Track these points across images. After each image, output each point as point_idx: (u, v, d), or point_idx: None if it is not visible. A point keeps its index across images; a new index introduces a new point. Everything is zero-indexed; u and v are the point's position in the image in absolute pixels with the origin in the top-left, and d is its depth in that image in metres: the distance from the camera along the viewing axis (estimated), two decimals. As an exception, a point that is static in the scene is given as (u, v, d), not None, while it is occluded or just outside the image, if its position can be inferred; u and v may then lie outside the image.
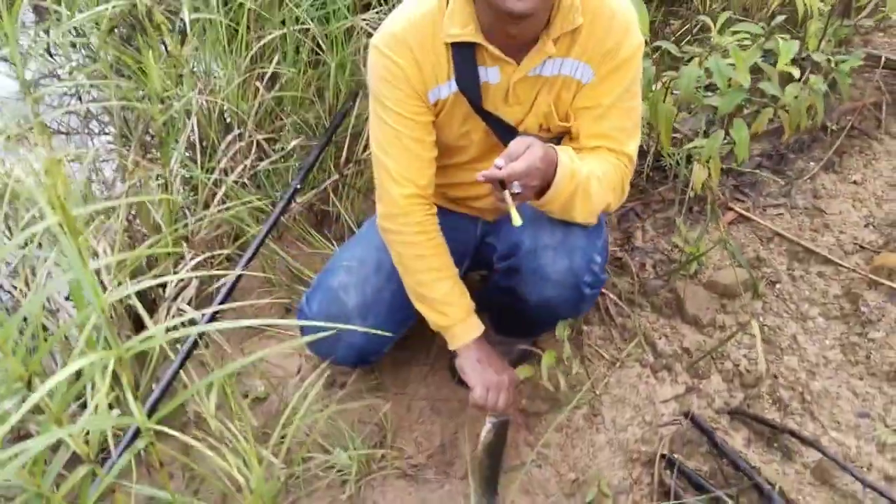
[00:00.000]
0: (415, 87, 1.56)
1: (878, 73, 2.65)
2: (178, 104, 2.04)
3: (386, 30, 1.57)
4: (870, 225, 2.33)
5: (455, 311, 1.68)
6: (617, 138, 1.60)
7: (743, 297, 2.19)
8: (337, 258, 1.86)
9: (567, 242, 1.61)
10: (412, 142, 1.61)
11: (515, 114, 1.64)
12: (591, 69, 1.57)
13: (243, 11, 2.33)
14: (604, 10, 1.52)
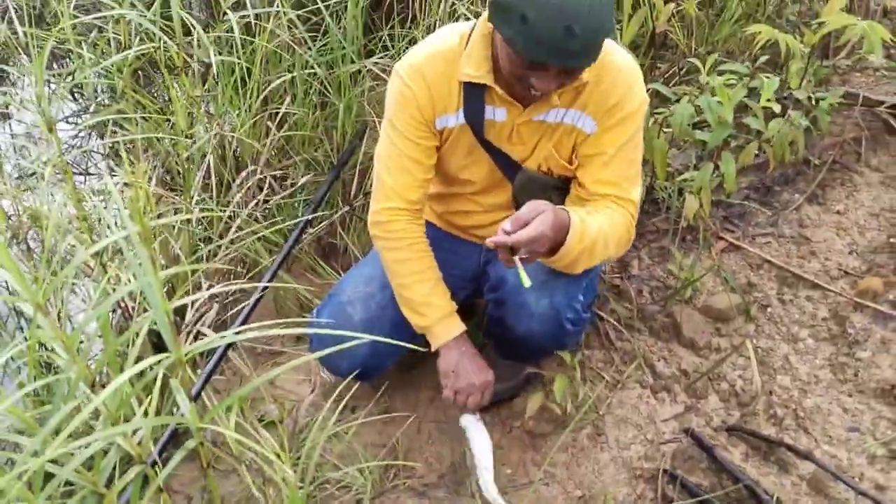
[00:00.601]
0: (423, 113, 1.69)
1: (857, 110, 2.79)
2: (198, 142, 2.14)
3: (408, 58, 1.70)
4: (853, 252, 2.45)
5: (433, 311, 1.78)
6: (622, 185, 1.70)
7: (736, 320, 2.29)
8: (347, 276, 1.98)
9: (550, 281, 1.71)
10: (411, 161, 1.73)
11: (518, 152, 1.75)
12: (593, 121, 1.68)
13: (256, 56, 2.45)
14: (609, 68, 1.63)
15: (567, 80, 1.54)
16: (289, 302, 2.38)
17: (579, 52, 1.42)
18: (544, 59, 1.42)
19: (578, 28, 1.37)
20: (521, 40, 1.41)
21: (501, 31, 1.46)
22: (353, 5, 2.63)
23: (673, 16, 2.71)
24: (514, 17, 1.40)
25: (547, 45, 1.39)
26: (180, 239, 2.14)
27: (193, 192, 2.19)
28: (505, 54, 1.51)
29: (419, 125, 1.71)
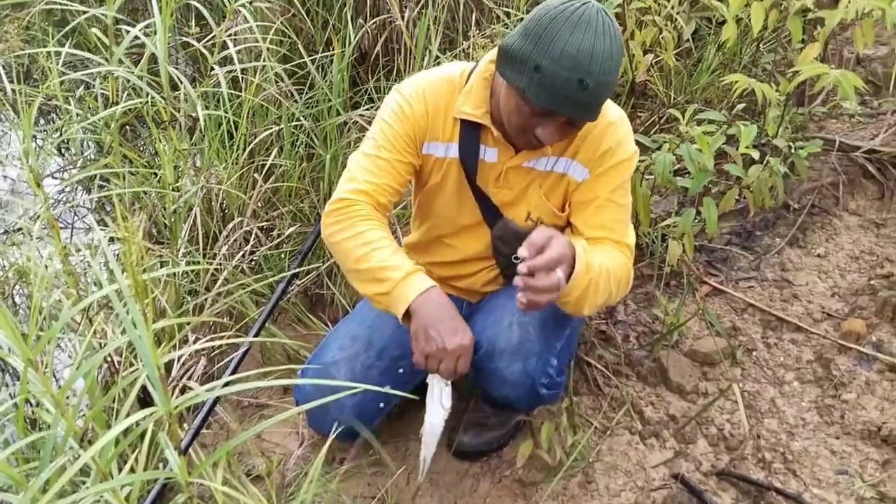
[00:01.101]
0: (416, 131, 1.71)
1: (834, 155, 2.85)
2: (185, 195, 2.16)
3: (411, 80, 1.74)
4: (835, 294, 2.48)
5: (395, 271, 1.57)
6: (616, 230, 1.72)
7: (722, 364, 2.30)
8: (332, 334, 1.95)
9: (523, 348, 1.69)
10: (389, 166, 1.69)
11: (503, 196, 1.77)
12: (584, 168, 1.71)
13: (243, 109, 2.49)
14: (601, 120, 1.66)
15: (569, 133, 1.57)
16: (276, 354, 2.38)
17: (589, 104, 1.46)
18: (556, 108, 1.46)
19: (591, 82, 1.41)
20: (533, 89, 1.45)
21: (512, 79, 1.49)
22: (339, 59, 2.68)
23: (652, 66, 2.77)
24: (527, 66, 1.45)
25: (560, 96, 1.43)
26: (167, 292, 2.14)
27: (180, 245, 2.20)
28: (512, 103, 1.53)
29: (409, 140, 1.71)
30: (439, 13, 2.87)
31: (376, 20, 2.96)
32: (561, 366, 1.79)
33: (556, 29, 1.43)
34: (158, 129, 2.21)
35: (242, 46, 2.49)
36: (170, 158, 1.93)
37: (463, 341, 1.55)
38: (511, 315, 1.71)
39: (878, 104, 3.20)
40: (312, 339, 2.42)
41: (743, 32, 2.89)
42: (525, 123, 1.53)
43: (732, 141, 2.30)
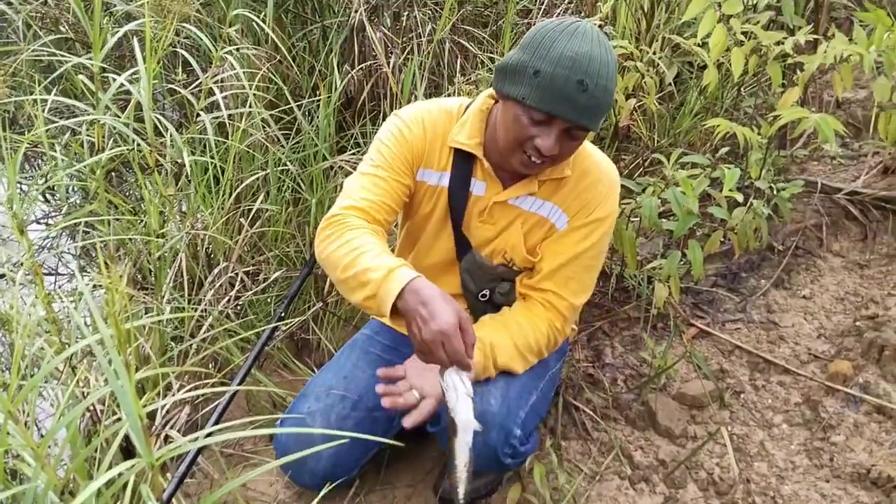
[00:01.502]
0: (413, 154, 1.72)
1: (816, 197, 2.88)
2: (170, 241, 2.15)
3: (410, 107, 1.77)
4: (821, 336, 2.49)
5: (375, 273, 1.47)
6: (569, 287, 1.73)
7: (711, 407, 2.29)
8: (309, 384, 1.93)
9: (483, 419, 1.57)
10: (385, 183, 1.69)
11: (485, 231, 1.78)
12: (566, 217, 1.73)
13: (229, 155, 2.49)
14: (593, 171, 1.72)
15: (567, 147, 1.56)
16: (262, 401, 2.35)
17: (588, 107, 1.47)
18: (557, 110, 1.46)
19: (590, 83, 1.44)
20: (533, 93, 1.47)
21: (511, 91, 1.51)
22: (325, 105, 2.70)
23: (635, 110, 2.81)
24: (525, 73, 1.47)
25: (560, 97, 1.45)
26: (151, 338, 2.12)
27: (165, 291, 2.18)
28: (510, 116, 1.54)
29: (406, 163, 1.72)
30: (425, 59, 2.91)
31: (362, 66, 2.99)
32: (527, 433, 1.74)
33: (553, 37, 1.47)
34: (144, 175, 2.21)
35: (229, 93, 2.50)
36: (155, 205, 1.92)
37: (451, 319, 1.39)
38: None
39: (859, 146, 3.24)
40: (298, 385, 2.40)
41: (724, 77, 2.94)
42: (524, 135, 1.53)
43: (716, 184, 2.32)
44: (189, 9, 2.64)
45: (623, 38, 2.96)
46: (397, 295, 1.43)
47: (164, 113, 3.24)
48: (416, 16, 3.05)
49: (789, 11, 2.59)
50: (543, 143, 1.51)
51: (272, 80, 2.77)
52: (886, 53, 2.20)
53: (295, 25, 3.30)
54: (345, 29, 3.03)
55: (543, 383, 1.83)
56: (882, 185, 2.91)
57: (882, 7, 3.25)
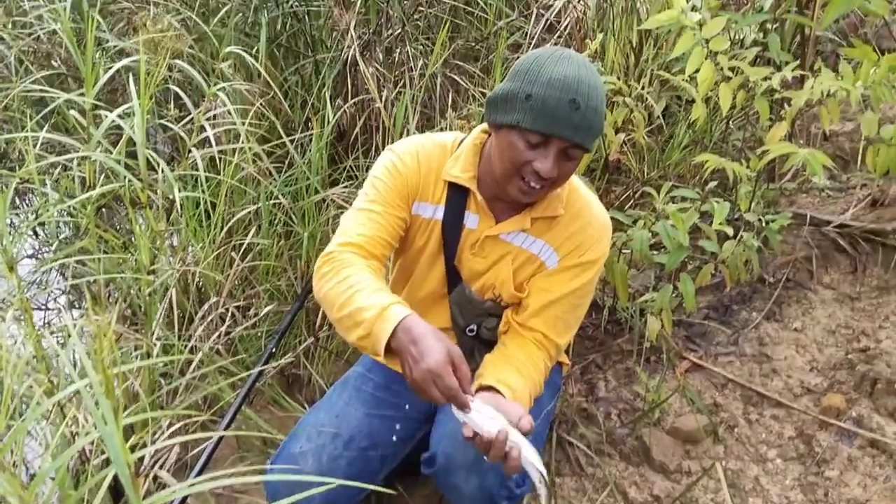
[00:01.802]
0: (408, 188, 1.72)
1: (806, 229, 2.90)
2: (160, 277, 2.14)
3: (404, 141, 1.78)
4: (814, 369, 2.49)
5: (369, 313, 1.46)
6: (556, 328, 1.74)
7: (705, 441, 2.28)
8: (301, 423, 1.89)
9: (479, 462, 1.61)
10: (381, 218, 1.68)
11: (477, 265, 1.78)
12: (557, 256, 1.74)
13: (221, 189, 2.49)
14: (585, 213, 1.73)
15: (565, 169, 1.57)
16: (252, 438, 2.33)
17: (582, 126, 1.50)
18: (552, 129, 1.49)
19: (582, 103, 1.48)
20: (527, 116, 1.50)
21: (505, 119, 1.54)
22: (317, 139, 2.71)
23: (625, 143, 2.83)
24: (517, 99, 1.51)
25: (554, 117, 1.48)
26: (140, 376, 2.10)
27: (154, 328, 2.17)
28: (505, 144, 1.56)
29: (401, 197, 1.71)
30: (417, 93, 2.92)
31: (355, 100, 3.01)
32: (522, 474, 1.74)
33: (541, 62, 1.52)
34: (135, 211, 2.21)
35: (221, 129, 2.51)
36: (145, 242, 1.92)
37: (441, 356, 1.38)
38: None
39: (847, 178, 3.26)
40: (289, 422, 2.38)
41: (712, 111, 2.96)
42: (521, 160, 1.54)
43: (706, 216, 2.33)
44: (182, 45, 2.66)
45: (612, 73, 2.99)
46: (390, 334, 1.42)
47: (157, 147, 3.24)
48: (408, 51, 3.08)
49: (776, 47, 2.62)
50: (542, 165, 1.52)
51: (264, 115, 2.78)
52: (873, 88, 2.23)
53: (288, 60, 3.33)
54: (337, 63, 3.05)
55: (539, 422, 1.82)
56: (871, 217, 2.92)
57: (867, 41, 3.30)
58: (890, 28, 3.80)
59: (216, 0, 3.25)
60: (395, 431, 1.88)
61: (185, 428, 2.28)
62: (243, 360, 2.45)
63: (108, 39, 3.02)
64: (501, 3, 3.43)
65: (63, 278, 2.59)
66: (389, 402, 1.92)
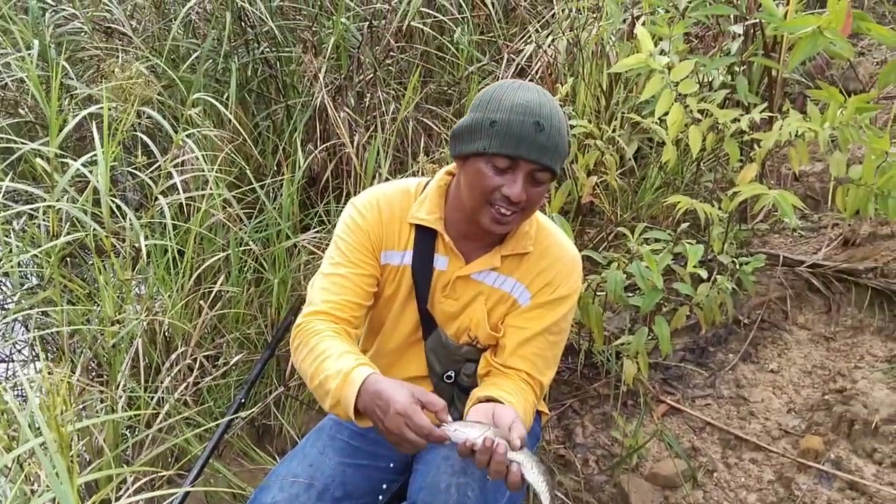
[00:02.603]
0: (371, 241, 1.71)
1: (779, 270, 2.90)
2: (127, 327, 2.09)
3: (365, 193, 1.77)
4: (791, 411, 2.47)
5: (335, 381, 1.50)
6: (536, 365, 1.71)
7: (684, 487, 2.25)
8: (273, 473, 1.84)
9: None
10: (349, 282, 1.68)
11: (448, 307, 1.75)
12: (529, 293, 1.72)
13: (189, 236, 2.45)
14: (555, 248, 1.73)
15: (533, 196, 1.56)
16: (221, 492, 2.26)
17: (548, 147, 1.52)
18: (519, 151, 1.50)
19: (546, 125, 1.51)
20: (493, 142, 1.51)
21: (470, 148, 1.55)
22: (288, 184, 2.69)
23: (597, 185, 2.83)
24: (482, 127, 1.53)
25: (519, 138, 1.50)
26: (104, 430, 2.04)
27: (120, 381, 2.11)
28: (471, 173, 1.56)
29: (366, 251, 1.71)
30: (389, 137, 2.92)
31: (326, 145, 2.99)
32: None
33: (502, 92, 1.55)
34: (100, 260, 2.16)
35: (189, 175, 2.48)
36: (110, 293, 1.87)
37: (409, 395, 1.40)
38: (449, 476, 1.63)
39: (819, 218, 3.29)
40: (259, 475, 2.32)
41: (683, 153, 2.98)
42: (490, 186, 1.54)
43: (680, 257, 2.32)
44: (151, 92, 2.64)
45: (583, 116, 3.00)
46: (356, 396, 1.45)
47: (125, 195, 3.20)
48: (379, 95, 3.08)
49: (743, 90, 2.65)
50: (511, 190, 1.53)
51: (235, 161, 2.75)
52: (840, 129, 2.25)
53: (259, 105, 3.32)
54: (308, 109, 3.04)
55: None
56: (842, 257, 2.94)
57: (834, 83, 3.35)
58: (855, 70, 3.88)
59: (186, 47, 3.24)
60: (370, 481, 1.83)
61: (152, 483, 2.22)
62: (212, 411, 2.39)
63: (77, 87, 3.00)
64: (472, 49, 3.45)
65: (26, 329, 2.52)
66: (365, 450, 1.87)
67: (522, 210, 1.59)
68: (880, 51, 4.14)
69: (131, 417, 2.18)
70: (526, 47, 3.36)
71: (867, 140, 2.26)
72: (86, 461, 2.11)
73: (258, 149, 3.04)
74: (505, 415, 1.46)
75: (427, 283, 1.74)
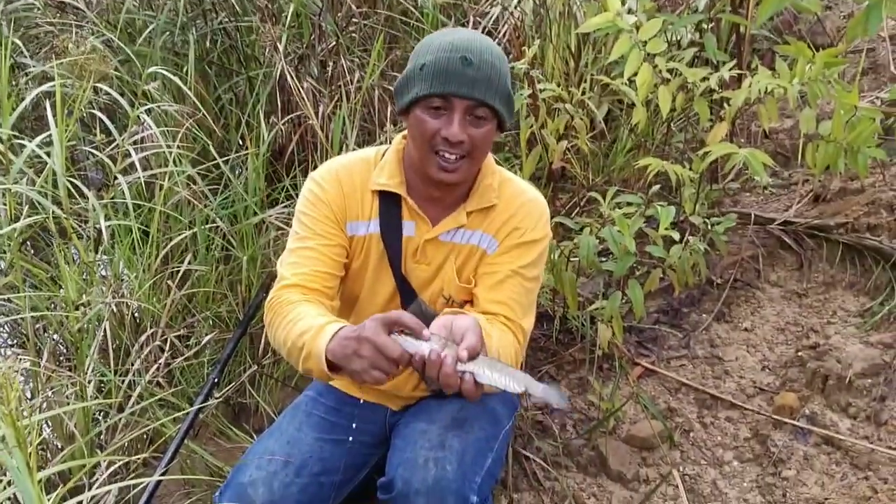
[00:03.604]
0: (335, 212, 1.69)
1: (751, 228, 2.90)
2: (91, 311, 2.04)
3: (324, 166, 1.75)
4: (765, 368, 2.48)
5: (307, 335, 1.50)
6: (514, 309, 1.69)
7: (661, 448, 2.26)
8: (249, 452, 1.82)
9: (438, 487, 1.57)
10: (316, 254, 1.67)
11: (421, 273, 1.73)
12: (496, 242, 1.71)
13: (154, 215, 2.39)
14: (519, 197, 1.72)
15: (475, 134, 1.55)
16: (198, 471, 2.23)
17: (478, 80, 1.51)
18: (448, 87, 1.50)
19: (474, 59, 1.51)
20: (423, 84, 1.52)
21: (407, 98, 1.56)
22: (253, 158, 2.63)
23: (568, 150, 2.80)
24: (413, 75, 1.55)
25: (446, 75, 1.50)
26: (75, 416, 2.00)
27: (88, 364, 2.06)
28: (414, 124, 1.57)
29: (330, 223, 1.69)
30: (355, 107, 2.86)
31: (290, 117, 2.93)
32: (482, 497, 1.65)
33: (432, 38, 1.59)
34: (62, 242, 2.10)
35: (150, 153, 2.41)
36: (72, 276, 1.82)
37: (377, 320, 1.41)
38: (427, 451, 1.62)
39: (789, 175, 3.29)
40: (237, 453, 2.29)
41: (653, 114, 2.96)
42: (429, 132, 1.54)
43: (652, 220, 2.31)
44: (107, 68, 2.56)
45: (552, 79, 2.96)
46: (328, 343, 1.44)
47: (87, 174, 3.12)
48: (343, 64, 3.01)
49: (712, 48, 2.62)
50: (449, 130, 1.53)
51: (196, 137, 2.69)
52: (809, 85, 2.24)
53: (220, 77, 3.23)
54: (271, 80, 2.97)
55: (498, 444, 1.77)
56: (814, 213, 2.95)
57: (802, 38, 3.34)
58: (823, 24, 3.87)
59: (142, 19, 3.14)
60: (348, 456, 1.81)
61: (127, 466, 2.18)
62: (185, 392, 2.35)
63: (31, 65, 2.90)
64: (437, 12, 3.38)
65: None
66: (342, 426, 1.85)
67: (469, 155, 1.58)
68: (847, 4, 4.13)
69: (105, 396, 2.15)
70: (492, 10, 3.30)
71: (836, 95, 2.26)
72: (57, 448, 2.08)
73: (221, 123, 2.97)
74: (461, 324, 1.44)
75: (398, 250, 1.72)
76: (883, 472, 2.06)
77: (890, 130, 2.95)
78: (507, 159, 3.07)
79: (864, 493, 2.00)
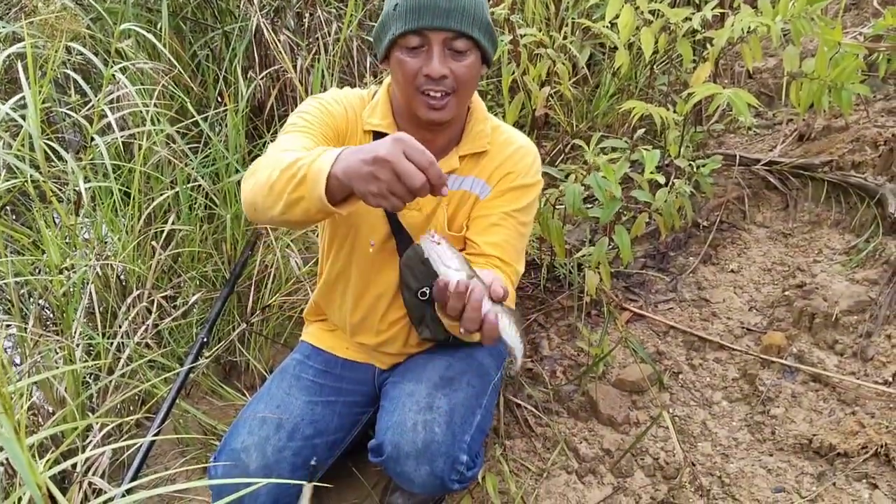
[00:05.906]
0: (336, 129, 1.65)
1: (736, 170, 2.90)
2: (76, 274, 2.02)
3: (327, 91, 1.73)
4: (753, 308, 2.50)
5: (305, 159, 1.29)
6: (507, 251, 1.68)
7: (651, 390, 2.28)
8: (241, 416, 1.81)
9: (428, 450, 1.60)
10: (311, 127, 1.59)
11: (413, 219, 1.72)
12: (489, 187, 1.70)
13: (134, 175, 2.36)
14: (510, 142, 1.71)
15: (458, 69, 1.52)
16: (191, 430, 2.24)
17: (452, 10, 1.47)
18: (422, 22, 1.47)
19: None
20: (398, 22, 1.49)
21: (386, 42, 1.53)
22: (232, 114, 2.59)
23: (551, 96, 2.77)
24: (389, 16, 1.51)
25: (419, 9, 1.47)
26: (64, 380, 1.99)
27: (75, 328, 2.05)
28: (396, 65, 1.53)
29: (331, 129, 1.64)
30: (333, 58, 2.81)
31: (268, 71, 2.88)
32: (473, 456, 1.69)
33: None
34: (43, 206, 2.08)
35: (126, 112, 2.37)
36: (54, 240, 1.80)
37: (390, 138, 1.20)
38: (416, 413, 1.63)
39: (773, 115, 3.28)
40: (230, 411, 2.30)
41: (636, 57, 2.92)
42: (411, 71, 1.52)
43: (637, 165, 2.30)
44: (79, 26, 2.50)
45: (533, 24, 2.91)
46: (332, 165, 1.23)
47: (65, 136, 3.07)
48: (319, 15, 2.95)
49: (694, -13, 2.58)
50: (429, 67, 1.50)
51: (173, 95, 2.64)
52: (793, 22, 2.21)
53: (195, 33, 3.17)
54: (247, 34, 2.91)
55: (486, 398, 1.78)
56: (798, 152, 2.94)
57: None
58: (805, -39, 3.81)
59: (112, -25, 3.06)
60: (339, 417, 1.83)
61: (120, 428, 2.19)
62: (175, 352, 2.35)
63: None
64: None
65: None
66: (330, 387, 1.86)
67: (455, 91, 1.55)
68: (829, -60, 4.07)
69: (95, 358, 2.14)
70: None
71: (819, 31, 2.23)
72: (49, 413, 2.08)
73: (198, 80, 2.92)
74: (485, 273, 1.35)
75: None
76: (870, 407, 2.09)
77: (873, 66, 2.93)
78: (490, 108, 3.03)
79: (851, 427, 2.03)
